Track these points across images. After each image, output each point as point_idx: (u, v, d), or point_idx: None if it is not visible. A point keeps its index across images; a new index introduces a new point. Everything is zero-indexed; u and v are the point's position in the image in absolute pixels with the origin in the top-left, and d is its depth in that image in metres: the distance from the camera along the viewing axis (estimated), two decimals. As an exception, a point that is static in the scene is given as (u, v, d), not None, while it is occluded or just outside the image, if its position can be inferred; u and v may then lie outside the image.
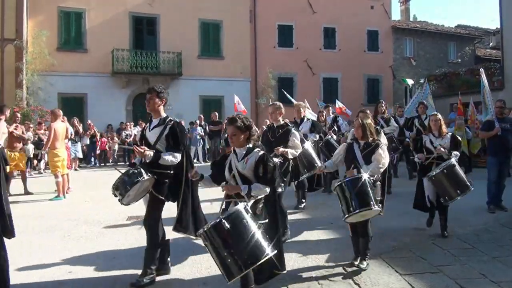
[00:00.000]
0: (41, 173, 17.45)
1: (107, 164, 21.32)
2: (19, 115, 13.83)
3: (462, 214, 8.25)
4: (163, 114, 5.48)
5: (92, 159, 21.29)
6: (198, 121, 22.94)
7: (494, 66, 29.14)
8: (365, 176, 5.56)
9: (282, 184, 6.71)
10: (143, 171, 5.11)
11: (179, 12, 26.66)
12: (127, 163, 20.46)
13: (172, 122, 5.41)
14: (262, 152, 4.66)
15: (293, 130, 7.27)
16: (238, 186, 4.55)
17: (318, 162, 8.07)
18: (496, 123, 9.30)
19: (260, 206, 4.62)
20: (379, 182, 5.89)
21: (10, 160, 11.38)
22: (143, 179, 5.07)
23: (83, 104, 25.10)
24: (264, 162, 4.55)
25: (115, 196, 5.20)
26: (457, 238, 7.10)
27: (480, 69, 12.43)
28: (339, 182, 5.71)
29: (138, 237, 7.29)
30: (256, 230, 3.94)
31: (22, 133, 12.77)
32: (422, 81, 30.10)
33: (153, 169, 5.22)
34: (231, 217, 3.99)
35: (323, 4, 31.23)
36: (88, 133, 20.58)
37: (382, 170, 5.84)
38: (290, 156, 7.07)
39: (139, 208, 5.93)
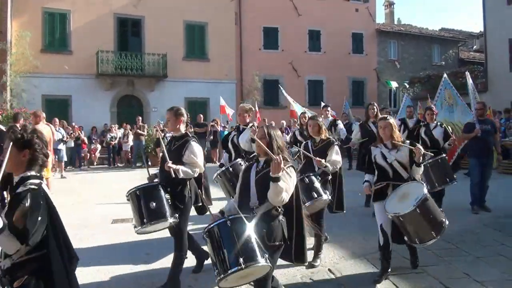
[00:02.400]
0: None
1: (91, 166, 21.16)
2: None
3: (446, 215, 8.31)
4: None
5: (77, 162, 21.08)
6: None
7: (477, 68, 29.53)
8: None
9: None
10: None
11: (164, 14, 26.56)
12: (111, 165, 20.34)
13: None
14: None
15: (191, 142, 5.41)
16: None
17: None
18: (477, 125, 9.40)
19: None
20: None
21: None
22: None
23: (68, 106, 24.88)
24: None
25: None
26: (441, 239, 7.17)
27: (466, 73, 12.56)
28: None
29: (123, 240, 7.26)
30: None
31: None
32: (406, 83, 30.36)
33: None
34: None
35: (308, 7, 31.34)
36: (72, 135, 20.40)
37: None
38: (181, 175, 5.18)
39: (124, 211, 5.93)
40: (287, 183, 3.92)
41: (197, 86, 27.46)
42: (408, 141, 5.63)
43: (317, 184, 6.07)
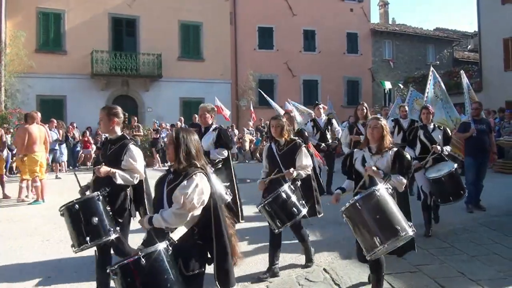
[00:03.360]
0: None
1: (83, 167, 21.02)
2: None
3: (441, 214, 8.32)
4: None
5: (71, 162, 20.95)
6: (179, 123, 22.85)
7: (472, 68, 29.62)
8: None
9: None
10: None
11: (159, 14, 26.54)
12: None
13: None
14: None
15: (130, 145, 4.92)
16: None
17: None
18: (472, 125, 9.41)
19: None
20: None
21: None
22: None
23: (62, 106, 24.82)
24: None
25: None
26: (436, 238, 7.18)
27: (461, 71, 12.55)
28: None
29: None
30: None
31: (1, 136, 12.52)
32: (400, 83, 30.40)
33: None
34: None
35: (303, 6, 31.37)
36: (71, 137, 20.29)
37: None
38: (118, 180, 4.79)
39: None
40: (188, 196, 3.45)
41: (192, 86, 27.43)
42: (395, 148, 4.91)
43: (294, 198, 5.48)
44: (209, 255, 3.60)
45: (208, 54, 28.38)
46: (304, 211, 5.56)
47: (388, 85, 31.04)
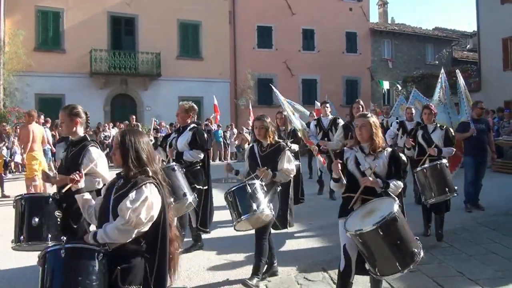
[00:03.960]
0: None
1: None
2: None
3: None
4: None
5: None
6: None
7: (471, 68, 29.68)
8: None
9: None
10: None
11: (158, 13, 26.51)
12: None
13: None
14: None
15: (89, 147, 4.61)
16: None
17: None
18: (472, 125, 9.40)
19: None
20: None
21: None
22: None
23: (61, 105, 24.58)
24: None
25: None
26: (435, 237, 7.17)
27: (456, 71, 12.55)
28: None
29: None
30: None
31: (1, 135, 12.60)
32: (398, 84, 30.42)
33: None
34: None
35: (302, 6, 31.37)
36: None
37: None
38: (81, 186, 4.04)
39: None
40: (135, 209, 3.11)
41: (191, 85, 27.38)
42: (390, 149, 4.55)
43: (261, 195, 5.14)
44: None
45: (207, 53, 28.36)
46: (268, 211, 5.11)
47: (386, 85, 31.06)
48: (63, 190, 4.01)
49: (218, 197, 7.20)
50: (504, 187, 11.98)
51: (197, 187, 6.34)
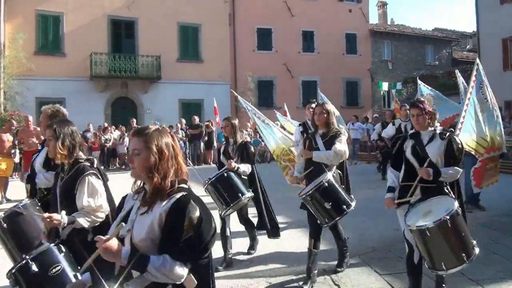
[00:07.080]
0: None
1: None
2: (14, 122, 13.82)
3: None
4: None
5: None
6: (179, 125, 22.79)
7: (471, 68, 29.54)
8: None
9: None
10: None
11: (158, 16, 26.56)
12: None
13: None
14: None
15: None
16: None
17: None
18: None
19: None
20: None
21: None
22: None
23: (62, 108, 24.70)
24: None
25: None
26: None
27: (456, 71, 12.51)
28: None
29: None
30: None
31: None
32: (399, 85, 30.39)
33: None
34: None
35: (301, 8, 31.38)
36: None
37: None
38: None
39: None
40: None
41: (191, 87, 27.44)
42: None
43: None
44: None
45: (207, 56, 28.39)
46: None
47: (385, 86, 31.03)
48: None
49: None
50: (505, 188, 11.92)
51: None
